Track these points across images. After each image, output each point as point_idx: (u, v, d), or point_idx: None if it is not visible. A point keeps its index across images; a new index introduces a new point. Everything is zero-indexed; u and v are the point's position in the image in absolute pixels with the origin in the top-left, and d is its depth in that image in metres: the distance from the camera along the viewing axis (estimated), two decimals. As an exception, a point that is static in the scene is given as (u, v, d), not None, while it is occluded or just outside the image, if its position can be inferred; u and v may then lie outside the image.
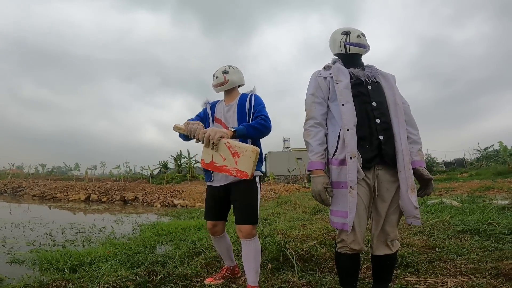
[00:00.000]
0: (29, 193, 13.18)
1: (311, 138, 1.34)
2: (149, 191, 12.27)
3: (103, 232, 4.84)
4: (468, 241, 2.64)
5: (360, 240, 1.27)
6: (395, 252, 1.35)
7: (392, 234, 1.32)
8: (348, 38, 1.45)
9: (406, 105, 1.44)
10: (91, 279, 1.89)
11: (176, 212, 8.13)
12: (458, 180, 13.39)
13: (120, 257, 2.70)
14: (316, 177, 1.28)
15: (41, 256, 2.84)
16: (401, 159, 1.27)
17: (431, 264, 2.08)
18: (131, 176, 23.93)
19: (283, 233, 2.99)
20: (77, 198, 11.94)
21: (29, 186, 14.67)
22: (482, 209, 4.15)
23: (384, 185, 1.31)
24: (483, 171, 16.32)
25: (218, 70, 1.98)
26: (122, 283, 1.72)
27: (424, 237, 2.86)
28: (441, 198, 5.96)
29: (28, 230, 4.88)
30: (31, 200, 11.60)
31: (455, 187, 9.64)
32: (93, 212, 8.58)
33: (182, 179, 20.37)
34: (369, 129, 1.30)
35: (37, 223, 5.62)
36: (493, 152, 20.44)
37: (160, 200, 10.98)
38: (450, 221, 3.42)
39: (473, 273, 1.82)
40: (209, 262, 2.29)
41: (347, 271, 1.36)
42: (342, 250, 1.31)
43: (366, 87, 1.38)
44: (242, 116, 1.81)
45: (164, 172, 22.66)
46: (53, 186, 13.99)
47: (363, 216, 1.27)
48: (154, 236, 3.91)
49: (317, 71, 1.49)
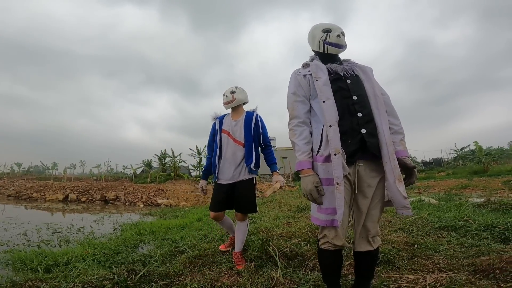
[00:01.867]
0: (4, 193, 12.54)
1: (297, 138, 1.33)
2: (131, 191, 11.97)
3: (82, 232, 4.67)
4: (445, 237, 2.72)
5: (342, 236, 1.27)
6: (376, 248, 1.35)
7: (373, 230, 1.31)
8: (328, 37, 1.43)
9: (386, 96, 1.44)
10: (65, 278, 1.81)
11: (159, 211, 7.96)
12: (436, 179, 13.91)
13: (98, 256, 2.61)
14: (305, 177, 1.27)
15: (15, 256, 2.71)
16: (385, 150, 1.26)
17: (410, 260, 2.11)
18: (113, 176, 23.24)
19: (267, 230, 2.98)
20: (55, 198, 11.46)
21: (4, 185, 13.98)
22: (458, 206, 4.30)
23: (365, 180, 1.30)
24: (460, 170, 17.02)
25: (227, 90, 2.49)
26: (99, 283, 1.65)
27: (404, 234, 2.93)
28: (420, 196, 6.18)
29: (2, 230, 4.64)
30: (6, 200, 11.01)
31: (433, 186, 10.00)
32: (71, 212, 8.26)
33: (166, 178, 19.97)
34: (351, 124, 1.29)
35: (12, 223, 5.35)
36: (469, 152, 21.33)
37: (143, 199, 10.74)
38: (428, 218, 3.52)
39: (451, 269, 1.86)
40: (192, 260, 2.24)
41: (329, 267, 1.35)
42: (325, 246, 1.30)
43: (346, 82, 1.37)
44: (248, 131, 2.34)
45: (148, 171, 22.15)
46: (29, 186, 13.37)
47: (345, 212, 1.25)
48: (135, 236, 3.80)
49: (296, 69, 1.48)
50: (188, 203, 9.99)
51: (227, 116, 2.51)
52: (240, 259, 2.22)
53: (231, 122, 2.42)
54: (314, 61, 1.44)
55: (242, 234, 2.36)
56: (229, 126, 2.42)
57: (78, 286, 1.60)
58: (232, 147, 2.35)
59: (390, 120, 1.38)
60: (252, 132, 2.35)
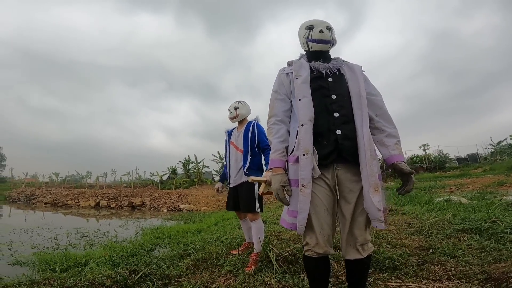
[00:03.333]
0: (42, 200, 13.59)
1: (273, 136, 1.30)
2: (156, 197, 12.45)
3: (106, 236, 4.94)
4: (466, 241, 2.51)
5: (323, 243, 1.19)
6: (367, 256, 1.25)
7: (360, 238, 1.21)
8: (310, 34, 1.38)
9: (378, 97, 1.33)
10: (74, 277, 1.93)
11: (180, 216, 8.20)
12: (471, 176, 12.89)
13: (115, 258, 2.75)
14: (274, 175, 1.24)
15: (41, 258, 2.94)
16: (363, 155, 1.18)
17: (420, 267, 1.97)
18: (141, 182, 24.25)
19: (277, 234, 2.96)
20: (87, 204, 12.23)
21: (42, 194, 15.14)
22: (488, 206, 3.98)
23: (346, 185, 1.22)
24: (497, 166, 15.64)
25: (231, 106, 2.72)
26: (101, 281, 1.75)
27: (421, 237, 2.76)
28: (449, 196, 5.78)
29: (35, 235, 5.04)
30: (43, 207, 11.94)
31: (467, 183, 9.31)
32: (101, 217, 8.76)
33: (190, 184, 20.46)
34: (327, 124, 1.23)
35: (45, 228, 5.80)
36: (506, 146, 19.64)
37: (167, 205, 11.11)
38: (452, 219, 3.30)
39: (461, 277, 1.72)
40: (195, 263, 2.29)
41: (314, 275, 1.28)
42: (308, 254, 1.24)
43: (327, 80, 1.31)
44: (245, 140, 2.56)
45: (173, 177, 22.87)
46: (64, 194, 14.40)
47: (324, 218, 1.19)
48: (153, 239, 3.96)
49: (282, 68, 1.45)
50: (209, 208, 10.18)
51: (235, 129, 2.83)
52: (253, 262, 2.24)
53: (236, 134, 2.75)
54: (300, 60, 1.41)
55: (256, 233, 2.44)
56: (234, 137, 2.74)
57: (83, 283, 1.72)
58: (234, 155, 2.64)
59: (381, 122, 1.29)
60: (249, 139, 2.56)
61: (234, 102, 2.74)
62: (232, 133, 2.83)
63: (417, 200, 5.54)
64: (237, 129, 2.79)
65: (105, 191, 15.20)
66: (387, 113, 1.32)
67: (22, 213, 9.68)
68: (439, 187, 8.99)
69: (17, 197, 15.58)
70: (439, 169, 19.53)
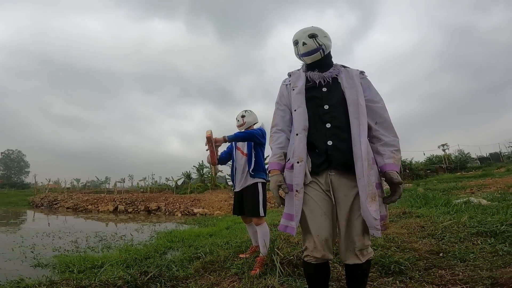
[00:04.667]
0: (64, 205, 14.19)
1: (273, 143, 1.37)
2: (171, 201, 12.70)
3: (123, 239, 5.12)
4: (479, 244, 2.43)
5: (321, 247, 1.21)
6: (366, 261, 1.24)
7: (358, 243, 1.20)
8: (297, 50, 1.41)
9: (379, 104, 1.31)
10: (89, 278, 2.05)
11: (194, 220, 8.35)
12: (493, 176, 12.30)
13: (129, 261, 2.86)
14: (271, 176, 1.31)
15: (61, 260, 3.11)
16: (360, 165, 1.17)
17: (427, 271, 1.95)
18: (157, 188, 24.80)
19: (285, 238, 2.98)
20: (106, 209, 12.66)
21: (64, 199, 15.78)
22: (508, 207, 3.81)
23: (341, 190, 1.23)
24: (522, 166, 14.91)
25: (238, 114, 2.90)
26: (113, 281, 1.85)
27: (432, 241, 2.69)
28: (469, 197, 5.56)
29: (57, 238, 5.29)
30: (65, 212, 12.47)
31: (489, 184, 8.89)
32: (118, 221, 9.05)
33: (204, 188, 20.72)
34: (320, 134, 1.27)
35: (66, 232, 6.07)
36: (530, 144, 18.61)
37: (181, 209, 11.32)
38: (467, 222, 3.19)
39: (468, 282, 1.68)
40: (204, 266, 2.36)
41: (312, 280, 1.29)
42: (307, 259, 1.26)
43: (321, 90, 1.33)
44: (249, 144, 2.67)
45: (188, 182, 23.25)
46: (85, 199, 14.95)
47: (321, 222, 1.21)
48: (167, 243, 4.07)
49: (284, 79, 1.49)
50: (222, 212, 10.28)
51: None
52: (259, 265, 2.29)
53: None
54: (299, 70, 1.45)
55: (261, 237, 2.49)
56: (240, 143, 2.83)
57: (97, 283, 1.83)
58: (240, 160, 2.74)
59: (380, 131, 1.27)
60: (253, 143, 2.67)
61: (241, 111, 2.90)
62: None
63: (434, 202, 5.37)
64: None
65: (123, 196, 15.68)
66: (387, 121, 1.30)
67: (45, 218, 10.15)
68: (459, 188, 8.64)
69: (40, 202, 16.31)
70: (460, 169, 18.80)
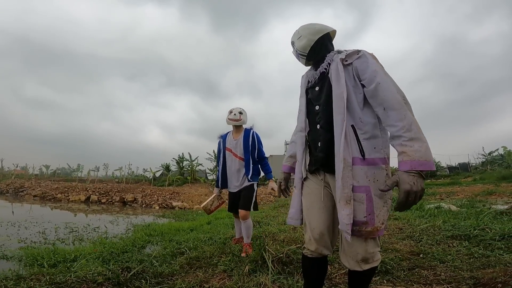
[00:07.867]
0: (31, 193, 13.31)
1: (286, 153, 1.54)
2: (148, 193, 12.32)
3: (96, 231, 4.86)
4: (455, 247, 2.57)
5: (314, 240, 1.19)
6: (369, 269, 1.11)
7: (360, 250, 1.09)
8: (294, 51, 1.38)
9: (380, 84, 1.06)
10: (64, 273, 1.90)
11: (173, 214, 8.14)
12: (461, 185, 13.16)
13: (105, 255, 2.71)
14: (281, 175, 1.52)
15: (28, 252, 2.87)
16: (337, 166, 1.10)
17: (411, 271, 2.01)
18: (134, 178, 24.00)
19: (271, 235, 2.97)
20: (77, 199, 12.03)
21: (31, 186, 14.83)
22: (477, 213, 4.06)
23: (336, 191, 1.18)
24: (487, 176, 15.99)
25: (235, 109, 2.82)
26: (92, 277, 1.73)
27: (412, 242, 2.80)
28: (440, 203, 5.87)
29: (22, 228, 4.93)
30: (32, 200, 11.70)
31: (457, 192, 9.50)
32: (91, 212, 8.63)
33: (183, 181, 20.35)
34: (314, 135, 1.29)
35: (33, 222, 5.68)
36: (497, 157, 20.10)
37: (159, 202, 11.02)
38: (442, 226, 3.35)
39: (451, 282, 1.76)
40: (189, 262, 2.27)
41: (306, 274, 1.29)
42: (304, 251, 1.27)
43: (314, 90, 1.30)
44: (246, 147, 2.71)
45: (166, 174, 22.69)
46: (54, 187, 14.14)
47: (317, 215, 1.21)
48: (145, 237, 3.91)
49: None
50: (200, 206, 10.14)
51: (229, 135, 2.90)
52: (248, 248, 2.56)
53: (233, 141, 2.82)
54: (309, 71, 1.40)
55: (246, 229, 2.67)
56: (231, 144, 2.82)
57: (73, 280, 1.69)
58: (236, 164, 2.76)
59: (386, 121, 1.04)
60: (250, 147, 2.75)
61: (238, 108, 2.86)
62: (226, 138, 2.89)
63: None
64: (233, 135, 2.85)
65: (96, 185, 14.98)
66: (389, 101, 1.04)
67: (9, 206, 9.47)
68: (430, 194, 9.17)
69: (6, 189, 15.23)
70: (430, 177, 19.85)
